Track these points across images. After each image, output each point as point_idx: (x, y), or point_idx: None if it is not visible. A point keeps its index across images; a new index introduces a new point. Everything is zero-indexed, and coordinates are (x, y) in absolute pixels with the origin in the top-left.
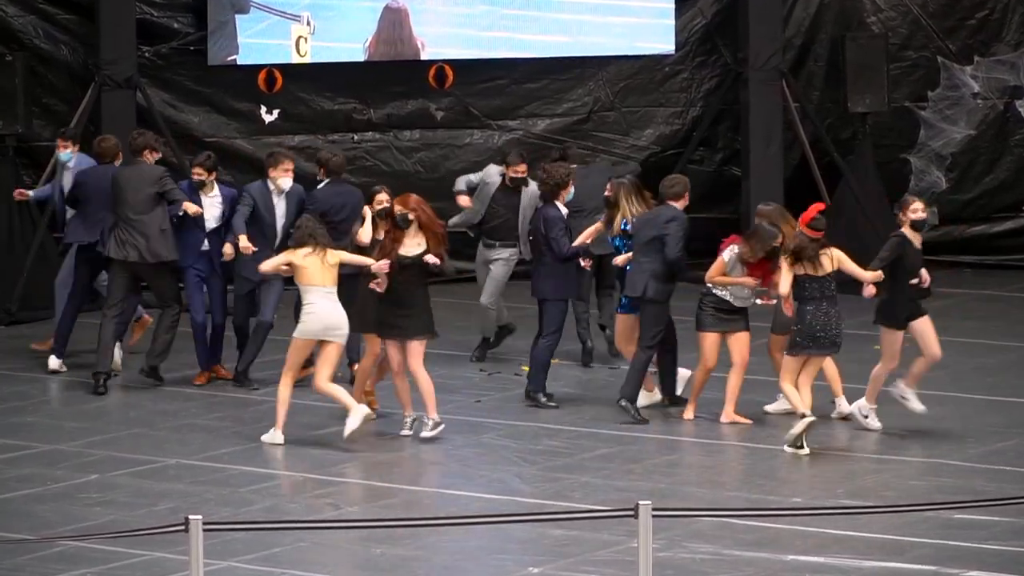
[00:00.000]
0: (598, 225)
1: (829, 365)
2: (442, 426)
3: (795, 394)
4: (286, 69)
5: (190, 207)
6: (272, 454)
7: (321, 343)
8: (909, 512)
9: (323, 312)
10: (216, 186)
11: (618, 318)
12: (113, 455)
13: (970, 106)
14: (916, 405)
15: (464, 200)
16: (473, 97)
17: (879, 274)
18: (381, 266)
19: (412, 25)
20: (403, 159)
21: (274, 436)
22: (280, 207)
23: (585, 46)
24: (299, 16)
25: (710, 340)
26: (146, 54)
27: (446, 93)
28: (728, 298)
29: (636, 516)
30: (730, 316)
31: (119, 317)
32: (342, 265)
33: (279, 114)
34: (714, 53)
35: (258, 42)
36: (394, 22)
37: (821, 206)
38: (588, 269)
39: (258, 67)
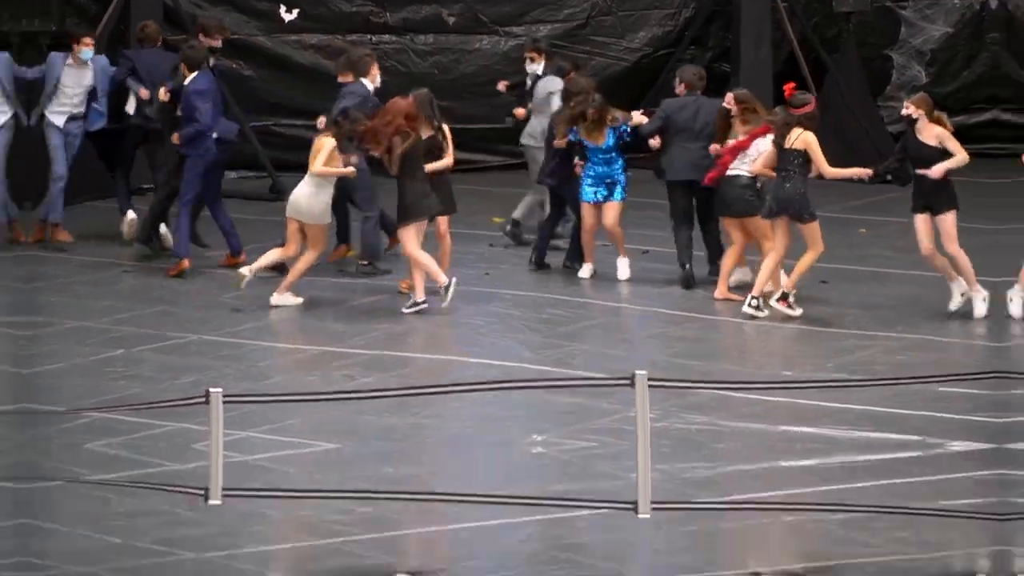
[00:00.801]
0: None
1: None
2: (451, 285)
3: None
4: None
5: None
6: (290, 329)
7: None
8: (897, 385)
9: (292, 192)
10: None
11: (612, 206)
12: (137, 331)
13: (948, 5)
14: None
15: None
16: (482, 4)
17: (835, 172)
18: (348, 172)
19: None
20: (419, 61)
21: (283, 298)
22: None
23: None
24: None
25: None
26: None
27: (457, 0)
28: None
29: (632, 385)
30: None
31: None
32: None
33: (299, 14)
34: None
35: None
36: None
37: (793, 84)
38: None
39: None
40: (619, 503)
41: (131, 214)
